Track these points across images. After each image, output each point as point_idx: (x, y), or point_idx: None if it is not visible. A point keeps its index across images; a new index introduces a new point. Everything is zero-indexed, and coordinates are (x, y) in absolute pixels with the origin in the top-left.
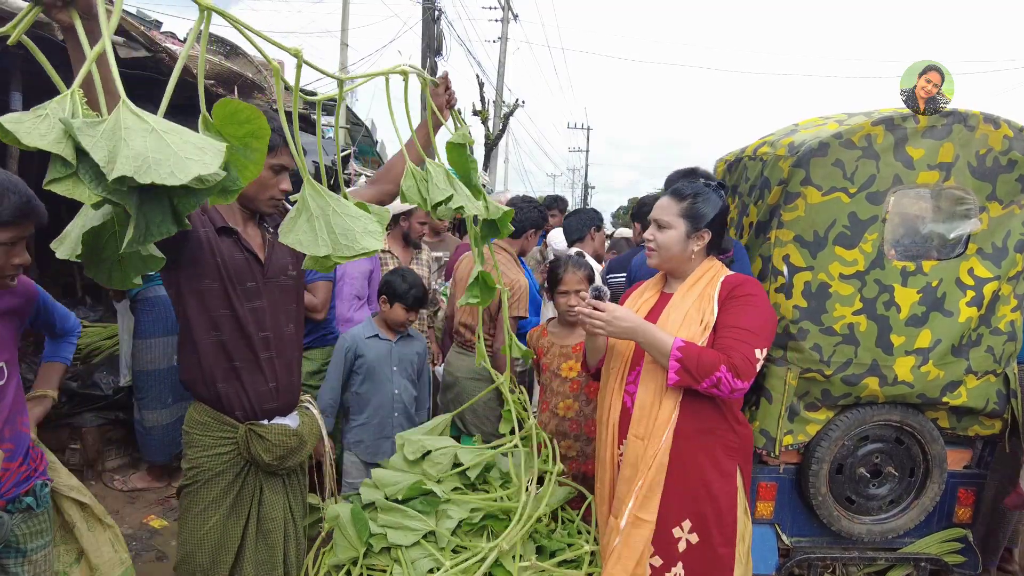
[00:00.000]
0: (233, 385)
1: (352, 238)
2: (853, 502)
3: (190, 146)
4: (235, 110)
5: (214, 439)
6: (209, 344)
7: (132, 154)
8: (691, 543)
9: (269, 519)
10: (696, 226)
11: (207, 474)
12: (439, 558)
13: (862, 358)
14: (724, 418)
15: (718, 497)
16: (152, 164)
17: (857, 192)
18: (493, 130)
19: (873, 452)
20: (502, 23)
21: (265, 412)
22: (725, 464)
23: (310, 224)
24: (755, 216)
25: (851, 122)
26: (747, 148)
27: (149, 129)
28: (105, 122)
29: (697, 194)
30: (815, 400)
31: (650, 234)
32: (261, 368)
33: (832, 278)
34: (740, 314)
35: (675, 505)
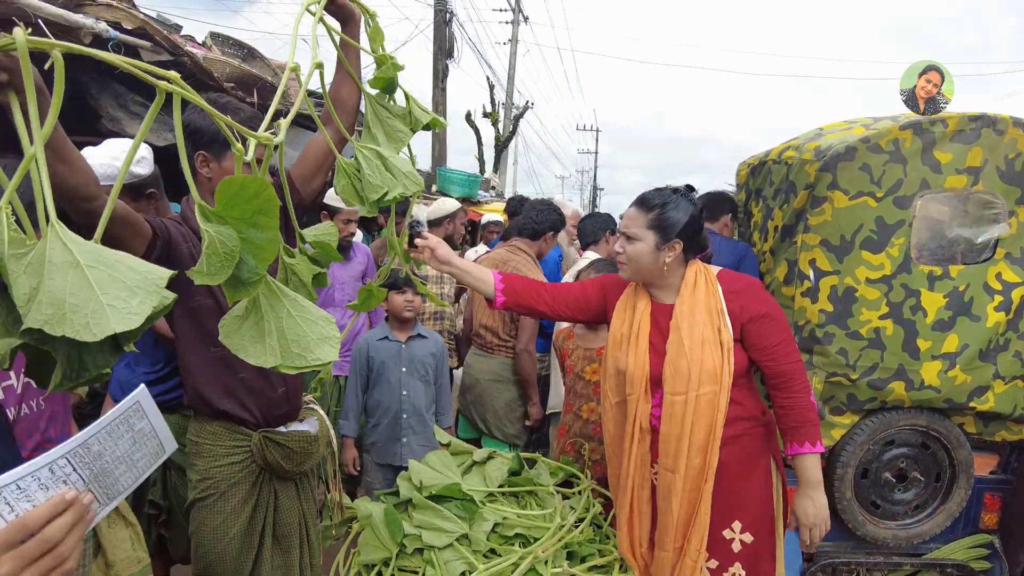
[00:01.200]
0: (242, 398)
1: (305, 346)
2: (878, 507)
3: (118, 285)
4: (241, 187)
5: (226, 448)
6: (210, 361)
7: (48, 299)
8: (746, 543)
9: (284, 524)
10: (666, 236)
11: (222, 485)
12: (472, 561)
13: (888, 362)
14: (752, 417)
15: (758, 492)
16: (68, 312)
17: (884, 196)
18: (503, 132)
19: (899, 457)
20: (512, 25)
21: (276, 419)
22: (760, 458)
23: (258, 328)
24: (780, 220)
25: (878, 126)
26: (771, 152)
27: (74, 263)
28: (32, 251)
29: (665, 203)
30: (840, 404)
31: (620, 246)
32: (268, 376)
33: (858, 282)
34: (776, 329)
35: (720, 509)
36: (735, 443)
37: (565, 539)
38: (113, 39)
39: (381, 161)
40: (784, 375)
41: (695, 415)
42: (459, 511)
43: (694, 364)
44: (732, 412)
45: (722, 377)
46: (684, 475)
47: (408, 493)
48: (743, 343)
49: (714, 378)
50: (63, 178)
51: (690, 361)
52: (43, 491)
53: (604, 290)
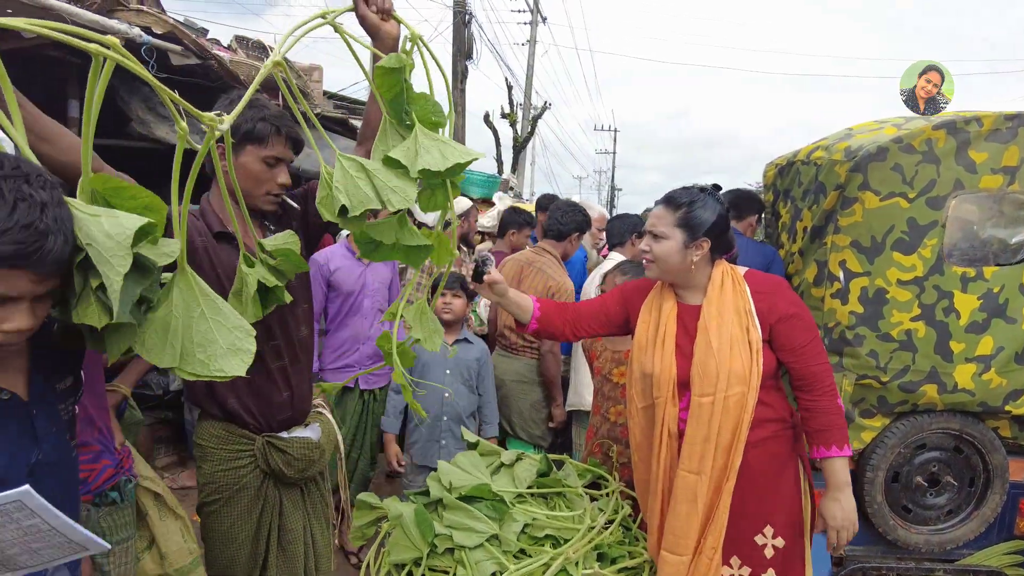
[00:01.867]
0: (245, 399)
1: (211, 353)
2: (910, 511)
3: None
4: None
5: (231, 452)
6: None
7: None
8: (778, 548)
9: (289, 530)
10: (694, 235)
11: (227, 490)
12: (503, 562)
13: (920, 365)
14: (780, 419)
15: (788, 495)
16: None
17: (916, 197)
18: (521, 133)
19: (931, 461)
20: (531, 26)
21: (280, 423)
22: (788, 461)
23: (164, 323)
24: (809, 221)
25: (910, 126)
26: (799, 152)
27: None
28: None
29: (692, 201)
30: (871, 407)
31: (646, 244)
32: (274, 379)
33: (890, 284)
34: (803, 329)
35: (751, 514)
36: (763, 446)
37: (595, 540)
38: (146, 43)
39: (364, 174)
40: (811, 376)
41: (723, 416)
42: (489, 512)
43: (722, 365)
44: (760, 414)
45: (750, 378)
46: (709, 476)
47: (438, 493)
48: (771, 344)
49: (742, 379)
50: (49, 158)
51: (718, 362)
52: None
53: (624, 299)
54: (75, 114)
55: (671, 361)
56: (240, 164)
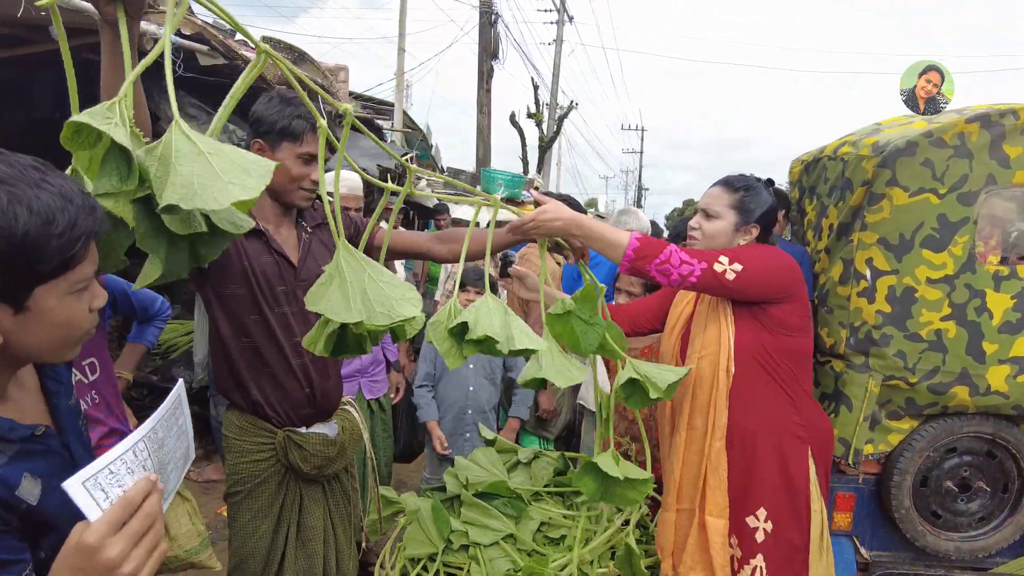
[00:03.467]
0: (267, 392)
1: (389, 305)
2: (939, 517)
3: (236, 169)
4: None
5: (253, 444)
6: (240, 351)
7: (180, 181)
8: (768, 532)
9: (308, 527)
10: (746, 219)
11: (250, 482)
12: (517, 560)
13: (950, 366)
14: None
15: (788, 484)
16: (198, 191)
17: (947, 193)
18: (547, 133)
19: (961, 465)
20: (557, 25)
21: (302, 418)
22: (794, 451)
23: (342, 290)
24: (835, 218)
25: (941, 120)
26: (826, 148)
27: (197, 152)
28: (160, 146)
29: (750, 187)
30: (898, 409)
31: (696, 222)
32: (295, 374)
33: (918, 282)
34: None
35: (747, 494)
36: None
37: (612, 540)
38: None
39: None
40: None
41: (697, 377)
42: (506, 509)
43: (698, 332)
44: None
45: (721, 339)
46: (686, 437)
47: (455, 489)
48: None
49: (714, 341)
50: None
51: (696, 329)
52: (130, 475)
53: (671, 295)
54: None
55: (677, 339)
56: (277, 159)
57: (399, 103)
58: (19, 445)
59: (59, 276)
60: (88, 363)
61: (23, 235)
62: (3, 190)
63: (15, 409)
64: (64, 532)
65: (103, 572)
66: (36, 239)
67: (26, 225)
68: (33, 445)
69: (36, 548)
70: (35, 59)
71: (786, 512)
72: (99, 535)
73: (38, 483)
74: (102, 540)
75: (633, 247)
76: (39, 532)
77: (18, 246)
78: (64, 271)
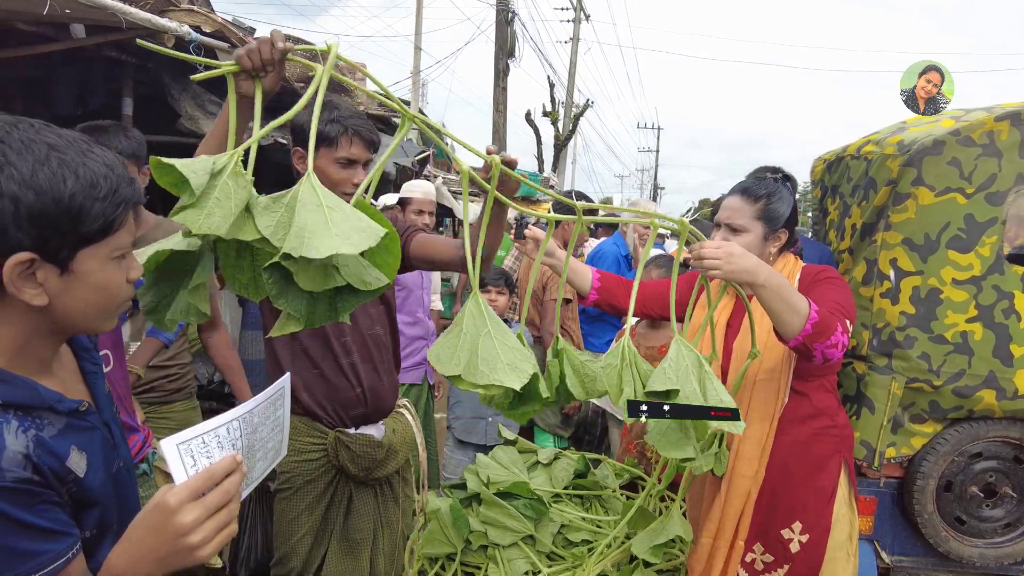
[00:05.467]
0: (318, 392)
1: (492, 367)
2: (963, 523)
3: (347, 225)
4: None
5: (304, 444)
6: (290, 352)
7: (295, 231)
8: (803, 543)
9: (356, 530)
10: (773, 227)
11: (298, 481)
12: (536, 562)
13: (977, 369)
14: (824, 417)
15: (819, 493)
16: (306, 239)
17: (975, 192)
18: (563, 131)
19: (987, 470)
20: (574, 23)
21: (353, 418)
22: (828, 460)
23: (454, 341)
24: (859, 218)
25: (970, 118)
26: (849, 147)
27: (317, 204)
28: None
29: (771, 193)
30: (922, 412)
31: (722, 239)
32: (344, 374)
33: (944, 283)
34: (829, 290)
35: (781, 507)
36: (802, 444)
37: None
38: (194, 41)
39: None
40: None
41: (751, 398)
42: (526, 510)
43: (758, 347)
44: (800, 409)
45: (781, 369)
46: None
47: (476, 488)
48: None
49: (775, 368)
50: None
51: (754, 344)
52: (219, 449)
53: (691, 284)
54: (128, 112)
55: (719, 339)
56: (317, 167)
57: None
58: (67, 419)
59: (101, 240)
60: (103, 355)
61: (70, 197)
62: (54, 156)
63: (59, 385)
64: (107, 509)
65: (174, 535)
66: (82, 202)
67: (72, 188)
68: (78, 420)
69: (81, 527)
70: (57, 56)
71: (820, 524)
72: (179, 499)
73: (84, 456)
74: (180, 504)
75: (813, 321)
76: (82, 508)
77: (65, 208)
78: (105, 236)
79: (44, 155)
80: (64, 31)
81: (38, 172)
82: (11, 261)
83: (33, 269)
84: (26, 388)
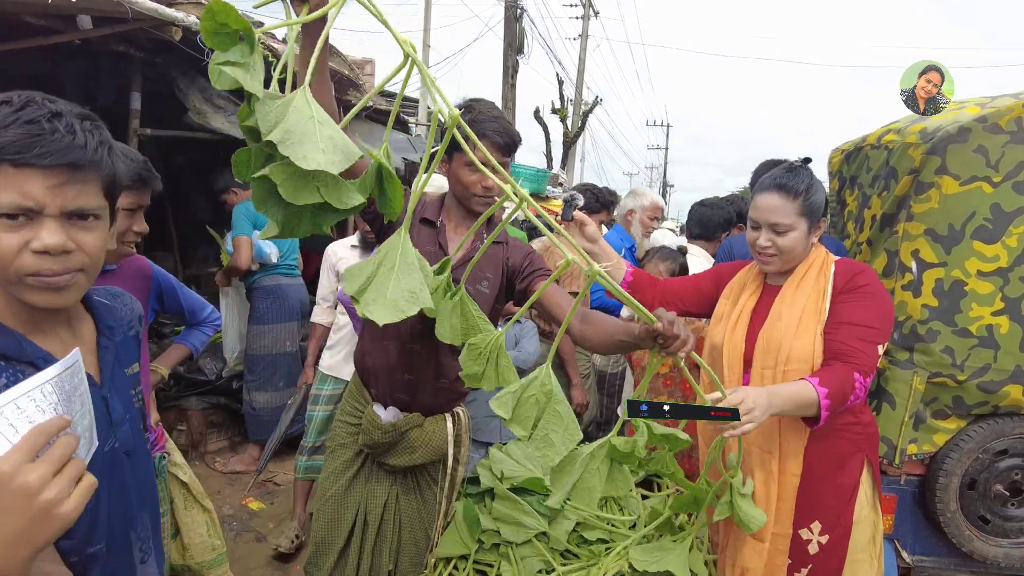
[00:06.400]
0: (376, 363)
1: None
2: (987, 522)
3: (331, 143)
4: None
5: (350, 406)
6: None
7: (285, 127)
8: (822, 544)
9: (371, 512)
10: (816, 219)
11: (335, 440)
12: (550, 560)
13: (1003, 363)
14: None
15: (840, 492)
16: (294, 141)
17: (1002, 181)
18: (572, 128)
19: (1013, 468)
20: (583, 20)
21: (397, 401)
22: (850, 458)
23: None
24: (879, 208)
25: (997, 104)
26: (868, 137)
27: (310, 116)
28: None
29: (810, 186)
30: (945, 407)
31: (767, 240)
32: (404, 355)
33: (968, 275)
34: (859, 308)
35: (800, 507)
36: (826, 441)
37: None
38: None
39: None
40: (835, 353)
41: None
42: (540, 507)
43: (786, 339)
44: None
45: (813, 357)
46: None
47: (489, 483)
48: None
49: (805, 357)
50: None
51: (783, 336)
52: (40, 413)
53: (718, 279)
54: (137, 106)
55: (741, 336)
56: (451, 171)
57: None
58: None
59: None
60: None
61: None
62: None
63: (59, 348)
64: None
65: (24, 500)
66: None
67: None
68: None
69: None
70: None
71: (841, 525)
72: (13, 461)
73: None
74: (17, 466)
75: (826, 406)
76: None
77: None
78: None
79: None
80: (71, 23)
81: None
82: None
83: None
84: (9, 338)
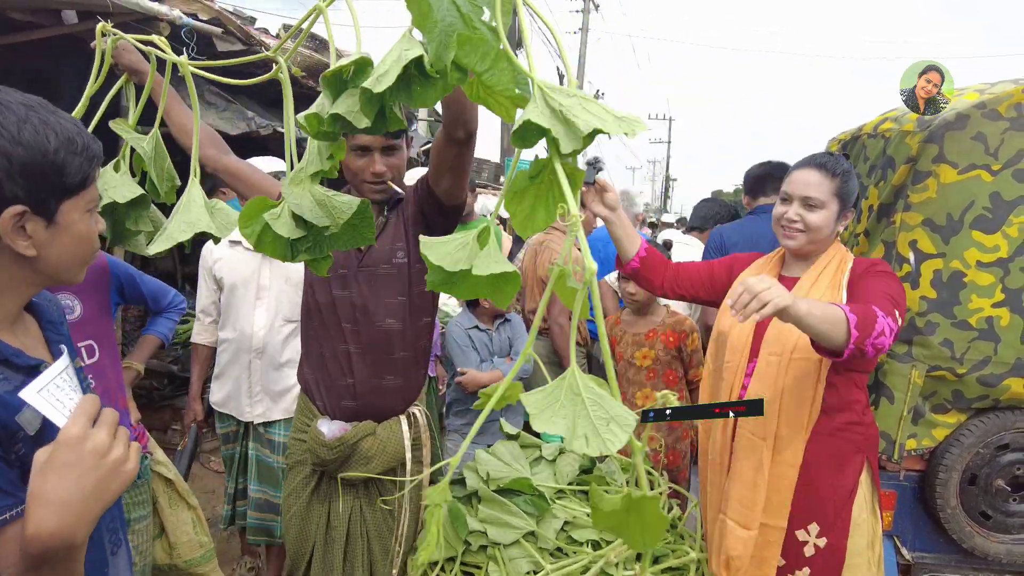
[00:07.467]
0: (317, 374)
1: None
2: (989, 518)
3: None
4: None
5: (300, 422)
6: (306, 330)
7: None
8: (819, 547)
9: (332, 527)
10: (845, 206)
11: (292, 458)
12: (539, 560)
13: (1003, 356)
14: (847, 412)
15: (838, 493)
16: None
17: (1002, 169)
18: None
19: (1015, 463)
20: (583, 14)
21: (344, 410)
22: (850, 459)
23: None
24: (876, 199)
25: (996, 90)
26: (865, 125)
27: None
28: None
29: (847, 171)
30: (944, 401)
31: (795, 214)
32: (339, 360)
33: (968, 266)
34: (879, 281)
35: (800, 507)
36: (827, 440)
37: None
38: (186, 26)
39: None
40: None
41: (787, 380)
42: (527, 507)
43: (795, 330)
44: (828, 401)
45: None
46: (773, 446)
47: (475, 484)
48: None
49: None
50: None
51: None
52: (73, 392)
53: (732, 268)
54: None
55: (751, 324)
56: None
57: None
58: (24, 376)
59: (79, 193)
60: (85, 345)
61: (54, 152)
62: (35, 116)
63: (24, 346)
64: None
65: (96, 459)
66: (64, 156)
67: (55, 144)
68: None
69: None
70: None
71: (839, 525)
72: (81, 426)
73: (39, 418)
74: (85, 430)
75: (854, 322)
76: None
77: (51, 162)
78: (83, 188)
79: (24, 114)
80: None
81: (23, 129)
82: (7, 213)
83: (23, 222)
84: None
